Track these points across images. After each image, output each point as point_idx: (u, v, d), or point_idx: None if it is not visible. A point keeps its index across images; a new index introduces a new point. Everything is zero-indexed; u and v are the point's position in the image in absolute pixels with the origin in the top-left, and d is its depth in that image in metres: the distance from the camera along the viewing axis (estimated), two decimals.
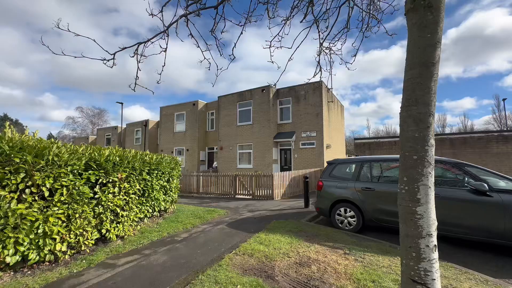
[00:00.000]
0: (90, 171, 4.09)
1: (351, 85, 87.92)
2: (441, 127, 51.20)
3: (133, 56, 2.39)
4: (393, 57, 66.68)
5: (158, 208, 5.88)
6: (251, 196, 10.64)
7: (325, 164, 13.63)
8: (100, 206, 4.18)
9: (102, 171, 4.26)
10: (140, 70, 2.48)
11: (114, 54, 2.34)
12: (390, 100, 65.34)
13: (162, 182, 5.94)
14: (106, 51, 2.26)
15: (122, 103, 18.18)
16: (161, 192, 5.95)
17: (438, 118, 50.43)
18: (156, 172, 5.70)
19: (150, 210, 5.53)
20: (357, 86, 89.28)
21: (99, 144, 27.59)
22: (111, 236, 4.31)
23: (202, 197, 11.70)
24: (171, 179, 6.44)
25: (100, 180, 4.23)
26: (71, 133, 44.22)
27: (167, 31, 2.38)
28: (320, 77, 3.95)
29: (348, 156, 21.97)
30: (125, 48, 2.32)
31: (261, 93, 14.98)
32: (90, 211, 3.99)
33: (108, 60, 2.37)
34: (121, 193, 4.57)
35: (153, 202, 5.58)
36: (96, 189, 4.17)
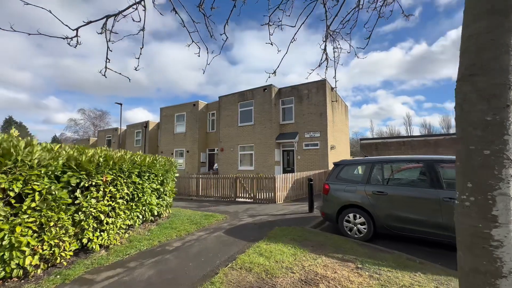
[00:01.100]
0: (69, 173, 3.67)
1: (352, 86, 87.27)
2: (446, 128, 50.37)
3: (100, 33, 1.95)
4: (393, 59, 66.20)
5: (151, 214, 5.43)
6: (252, 199, 10.16)
7: (330, 166, 13.10)
8: (81, 212, 3.74)
9: (84, 173, 3.82)
10: (111, 50, 2.04)
11: (77, 29, 1.90)
12: (391, 101, 64.75)
13: (154, 185, 5.50)
14: (67, 25, 1.82)
15: (121, 104, 17.91)
16: (154, 196, 5.50)
17: (442, 119, 49.77)
18: (148, 174, 5.26)
19: (141, 216, 5.07)
20: (358, 87, 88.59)
21: (100, 146, 27.32)
22: (94, 246, 3.87)
23: (202, 200, 11.24)
24: (165, 182, 6.00)
25: (82, 184, 3.80)
26: (73, 135, 44.19)
27: (142, 1, 1.94)
28: (327, 66, 3.48)
29: (353, 157, 21.36)
30: (91, 22, 1.88)
31: (263, 93, 14.54)
32: (68, 218, 3.55)
33: (71, 39, 1.93)
34: (106, 198, 4.13)
35: (144, 207, 5.13)
36: (77, 193, 3.74)
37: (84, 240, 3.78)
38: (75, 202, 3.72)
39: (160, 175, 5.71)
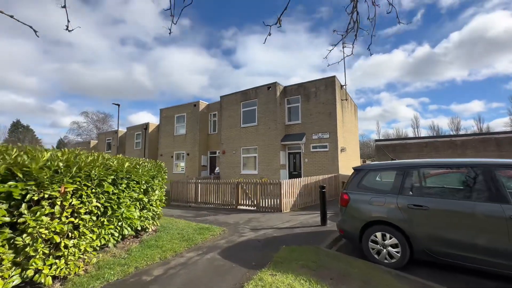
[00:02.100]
0: (11, 183, 2.76)
1: (355, 89, 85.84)
2: (454, 130, 48.60)
3: None
4: (395, 61, 64.91)
5: (131, 229, 4.49)
6: (255, 207, 9.16)
7: (341, 170, 12.05)
8: (26, 235, 2.82)
9: (33, 182, 2.91)
10: None
11: None
12: (395, 104, 63.31)
13: (136, 194, 4.56)
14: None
15: (118, 105, 17.15)
16: (135, 207, 4.56)
17: (451, 121, 48.03)
18: (127, 181, 4.33)
19: (116, 234, 4.13)
20: (361, 90, 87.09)
21: (100, 149, 26.75)
22: (44, 280, 2.93)
23: (200, 208, 10.29)
24: (150, 190, 5.06)
25: (29, 196, 2.88)
26: (76, 138, 43.96)
27: None
28: (356, 34, 2.51)
29: (364, 161, 20.17)
30: None
31: (267, 91, 13.60)
32: (3, 244, 2.63)
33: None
34: (65, 214, 3.20)
35: (120, 223, 4.19)
36: (22, 209, 2.82)
37: (30, 272, 2.84)
38: (19, 221, 2.80)
39: (143, 182, 4.78)
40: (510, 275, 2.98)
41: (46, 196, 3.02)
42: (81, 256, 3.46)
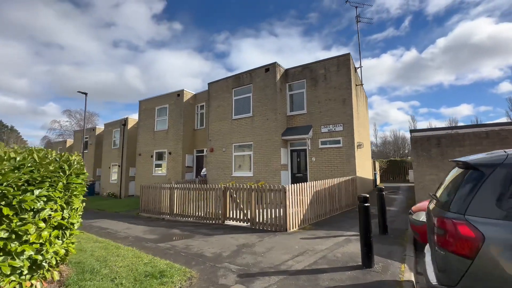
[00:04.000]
0: None
1: None
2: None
3: None
4: (384, 66, 64.82)
5: None
6: (249, 223, 6.56)
7: (358, 171, 9.55)
8: None
9: None
10: None
11: None
12: (386, 107, 63.02)
13: None
14: None
15: (86, 93, 14.26)
16: None
17: (449, 123, 47.38)
18: None
19: None
20: None
21: (77, 149, 23.78)
22: None
23: (175, 222, 7.62)
24: (27, 204, 2.41)
25: None
26: (57, 138, 40.59)
27: None
28: None
29: (374, 162, 17.68)
30: None
31: (264, 75, 11.05)
32: None
33: None
34: None
35: None
36: None
37: None
38: None
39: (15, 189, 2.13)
40: None
41: None
42: None
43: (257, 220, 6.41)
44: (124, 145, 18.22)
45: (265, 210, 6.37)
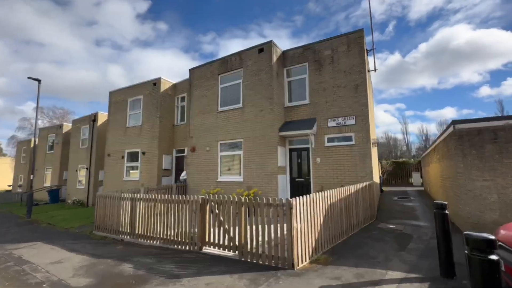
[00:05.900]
0: None
1: None
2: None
3: None
4: (369, 68, 66.35)
5: None
6: (237, 252, 4.47)
7: (375, 176, 7.64)
8: None
9: None
10: None
11: None
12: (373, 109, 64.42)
13: None
14: None
15: (39, 80, 11.68)
16: None
17: (439, 124, 47.82)
18: None
19: None
20: None
21: (41, 148, 20.83)
22: None
23: (136, 247, 5.41)
24: None
25: None
26: (28, 137, 36.85)
27: None
28: None
29: (382, 162, 15.97)
30: None
31: (258, 56, 9.03)
32: None
33: None
34: None
35: None
36: None
37: None
38: None
39: None
40: None
41: None
42: None
43: (248, 248, 4.33)
44: (93, 144, 15.66)
45: (259, 229, 4.31)
